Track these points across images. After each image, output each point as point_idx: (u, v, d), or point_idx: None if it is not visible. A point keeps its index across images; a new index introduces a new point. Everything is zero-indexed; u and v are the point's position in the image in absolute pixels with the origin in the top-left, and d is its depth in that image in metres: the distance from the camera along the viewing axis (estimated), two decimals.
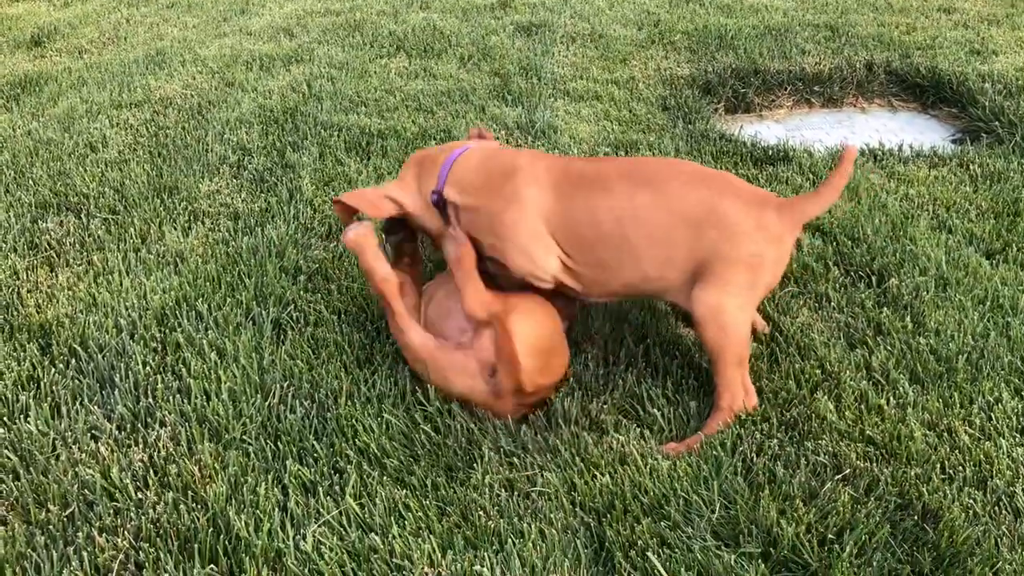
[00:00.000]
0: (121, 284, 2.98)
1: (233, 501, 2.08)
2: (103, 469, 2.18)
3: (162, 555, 1.94)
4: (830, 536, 1.95)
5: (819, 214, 2.35)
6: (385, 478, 2.16)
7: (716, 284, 2.26)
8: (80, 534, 2.00)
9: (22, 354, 2.63)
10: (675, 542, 1.94)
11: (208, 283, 2.96)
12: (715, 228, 2.25)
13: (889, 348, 2.57)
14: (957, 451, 2.19)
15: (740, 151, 3.94)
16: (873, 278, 2.91)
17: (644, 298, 2.55)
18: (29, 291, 2.97)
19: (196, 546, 1.96)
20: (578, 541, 1.97)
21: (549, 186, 2.40)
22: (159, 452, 2.24)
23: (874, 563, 1.89)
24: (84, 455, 2.23)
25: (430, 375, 2.38)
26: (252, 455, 2.23)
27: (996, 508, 2.03)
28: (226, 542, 1.97)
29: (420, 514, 2.04)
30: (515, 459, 2.20)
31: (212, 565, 1.93)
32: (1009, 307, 2.75)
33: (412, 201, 2.57)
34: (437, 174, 2.53)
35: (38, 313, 2.83)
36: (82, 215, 3.47)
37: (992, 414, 2.31)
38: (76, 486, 2.13)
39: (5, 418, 2.38)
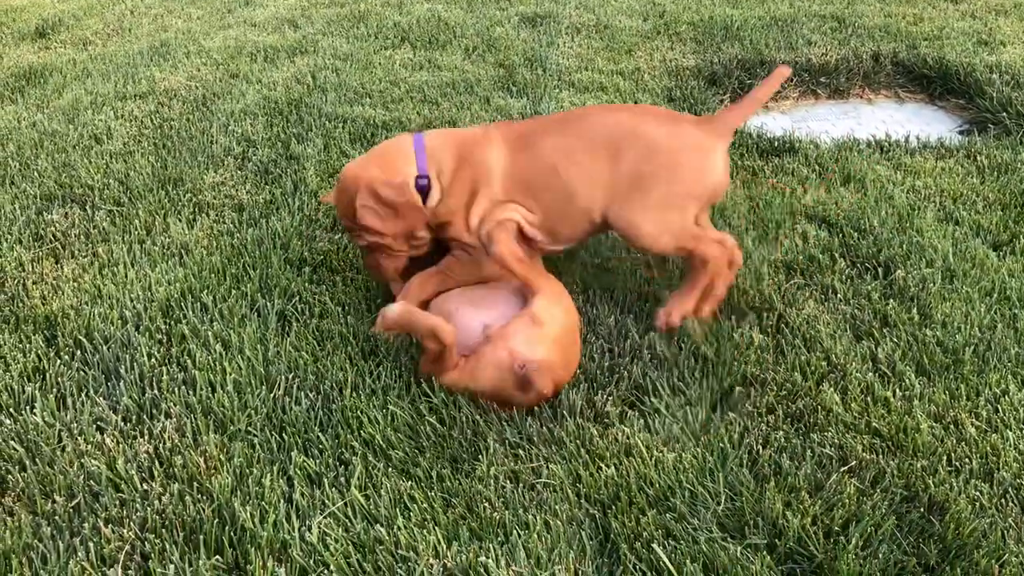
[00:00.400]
0: (126, 276, 2.98)
1: (238, 492, 2.09)
2: (109, 460, 2.18)
3: (168, 546, 1.95)
4: (836, 528, 1.95)
5: (740, 124, 2.58)
6: (390, 469, 2.16)
7: (645, 204, 2.46)
8: (86, 525, 2.00)
9: (28, 345, 2.64)
10: (680, 534, 1.94)
11: (213, 275, 2.96)
12: (633, 148, 2.46)
13: (895, 340, 2.56)
14: (964, 443, 2.18)
15: (746, 142, 3.93)
16: (879, 270, 2.90)
17: (603, 232, 2.73)
18: (34, 283, 2.97)
19: (201, 537, 1.96)
20: (583, 533, 1.97)
21: (505, 145, 2.60)
22: (164, 443, 2.24)
23: (880, 555, 1.89)
24: (90, 446, 2.23)
25: (458, 385, 2.36)
26: (257, 446, 2.24)
27: (1003, 500, 2.03)
28: (231, 533, 1.97)
29: (425, 505, 2.04)
30: (520, 451, 2.20)
31: (217, 556, 1.93)
32: (1016, 299, 2.73)
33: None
34: (411, 161, 2.59)
35: (43, 305, 2.83)
36: (87, 207, 3.47)
37: (999, 406, 2.30)
38: (82, 477, 2.14)
39: (11, 409, 2.39)
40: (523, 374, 2.25)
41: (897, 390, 2.37)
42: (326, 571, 1.89)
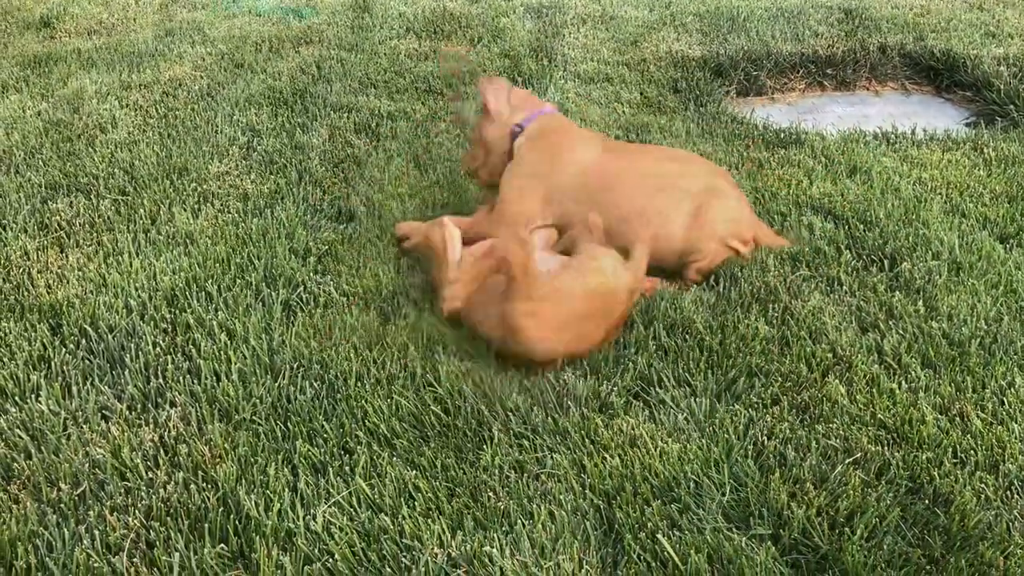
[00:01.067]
0: (131, 265, 2.98)
1: (243, 481, 2.09)
2: (114, 449, 2.19)
3: (172, 534, 1.95)
4: (841, 519, 1.95)
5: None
6: (395, 459, 2.16)
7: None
8: (91, 513, 2.01)
9: (33, 334, 2.64)
10: (685, 524, 1.94)
11: (218, 264, 2.96)
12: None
13: (901, 332, 2.56)
14: (969, 435, 2.18)
15: (752, 134, 3.92)
16: (885, 262, 2.90)
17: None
18: (39, 272, 2.97)
19: (206, 525, 1.97)
20: (587, 523, 1.97)
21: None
22: (169, 432, 2.24)
23: (884, 546, 1.88)
24: (95, 435, 2.24)
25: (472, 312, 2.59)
26: (262, 435, 2.24)
27: (1008, 492, 2.03)
28: (236, 522, 1.98)
29: (430, 495, 2.04)
30: (525, 441, 2.20)
31: (222, 544, 1.93)
32: (1023, 291, 2.72)
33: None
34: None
35: (48, 294, 2.83)
36: (92, 196, 3.47)
37: (1005, 398, 2.30)
38: (87, 465, 2.14)
39: (17, 398, 2.39)
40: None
41: (903, 382, 2.36)
42: (331, 560, 1.89)
